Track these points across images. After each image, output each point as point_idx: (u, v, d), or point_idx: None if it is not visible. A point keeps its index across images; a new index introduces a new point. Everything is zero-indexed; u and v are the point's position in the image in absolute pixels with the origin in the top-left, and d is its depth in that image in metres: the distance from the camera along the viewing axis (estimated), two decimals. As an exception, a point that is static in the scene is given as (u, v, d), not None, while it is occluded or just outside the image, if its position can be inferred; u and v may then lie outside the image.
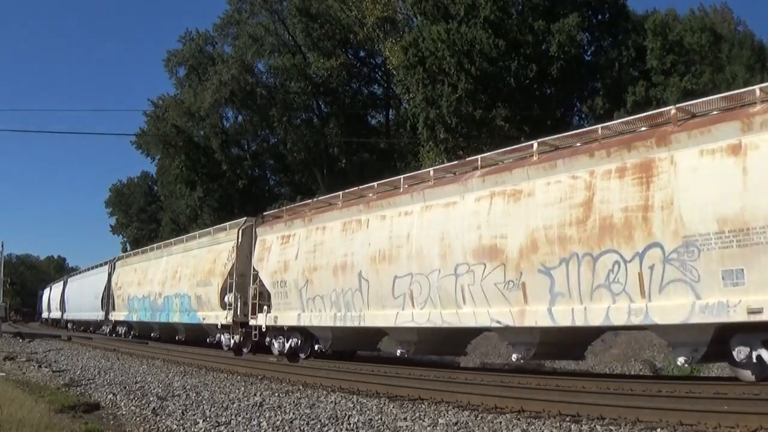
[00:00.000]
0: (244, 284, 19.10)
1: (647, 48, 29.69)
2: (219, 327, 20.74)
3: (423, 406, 9.99)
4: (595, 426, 7.81)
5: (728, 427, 7.11)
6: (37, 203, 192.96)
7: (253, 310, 18.47)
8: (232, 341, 19.95)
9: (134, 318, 29.14)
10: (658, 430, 7.46)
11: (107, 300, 33.86)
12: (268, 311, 17.61)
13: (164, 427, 8.70)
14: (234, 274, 19.52)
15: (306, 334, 16.74)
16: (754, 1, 60.64)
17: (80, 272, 46.91)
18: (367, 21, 38.40)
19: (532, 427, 8.01)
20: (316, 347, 16.60)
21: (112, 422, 9.22)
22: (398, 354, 14.05)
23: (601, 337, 14.33)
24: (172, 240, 28.11)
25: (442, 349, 14.85)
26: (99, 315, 35.53)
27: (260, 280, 18.16)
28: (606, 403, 8.52)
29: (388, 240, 13.81)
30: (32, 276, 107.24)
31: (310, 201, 18.00)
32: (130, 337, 30.62)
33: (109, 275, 33.81)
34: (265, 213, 20.05)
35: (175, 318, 24.01)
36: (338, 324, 15.00)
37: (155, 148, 55.67)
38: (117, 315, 31.96)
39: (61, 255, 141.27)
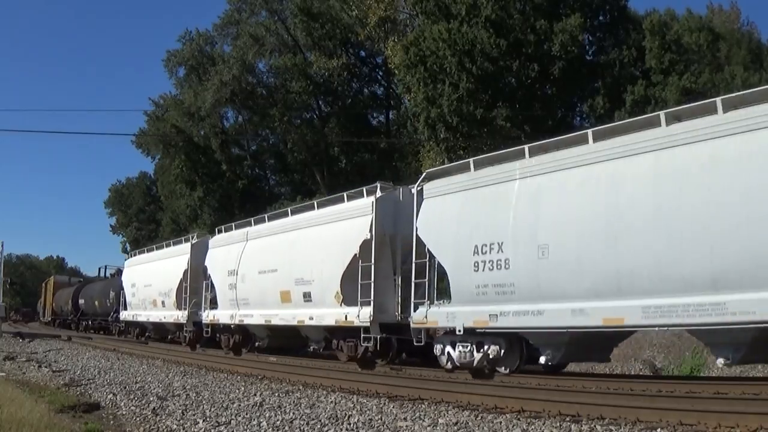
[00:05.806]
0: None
1: (646, 47, 29.63)
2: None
3: (423, 406, 9.99)
4: (595, 426, 7.80)
5: (728, 427, 7.09)
6: (37, 203, 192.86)
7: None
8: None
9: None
10: (658, 430, 7.45)
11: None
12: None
13: (164, 427, 8.70)
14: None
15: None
16: (761, 1, 60.53)
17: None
18: (369, 21, 38.34)
19: (532, 427, 8.00)
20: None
21: (112, 422, 9.22)
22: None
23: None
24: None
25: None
26: None
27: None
28: (606, 403, 8.50)
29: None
30: (32, 276, 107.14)
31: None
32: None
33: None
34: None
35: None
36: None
37: (155, 148, 55.66)
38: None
39: (61, 255, 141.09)
